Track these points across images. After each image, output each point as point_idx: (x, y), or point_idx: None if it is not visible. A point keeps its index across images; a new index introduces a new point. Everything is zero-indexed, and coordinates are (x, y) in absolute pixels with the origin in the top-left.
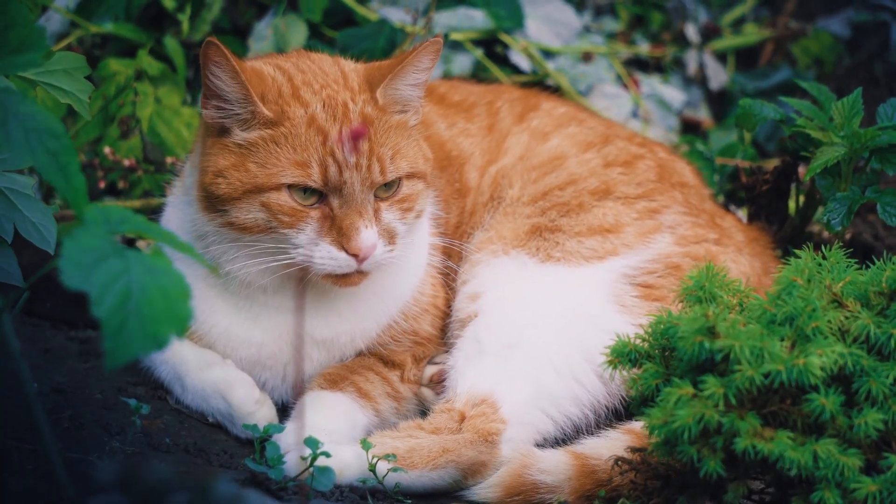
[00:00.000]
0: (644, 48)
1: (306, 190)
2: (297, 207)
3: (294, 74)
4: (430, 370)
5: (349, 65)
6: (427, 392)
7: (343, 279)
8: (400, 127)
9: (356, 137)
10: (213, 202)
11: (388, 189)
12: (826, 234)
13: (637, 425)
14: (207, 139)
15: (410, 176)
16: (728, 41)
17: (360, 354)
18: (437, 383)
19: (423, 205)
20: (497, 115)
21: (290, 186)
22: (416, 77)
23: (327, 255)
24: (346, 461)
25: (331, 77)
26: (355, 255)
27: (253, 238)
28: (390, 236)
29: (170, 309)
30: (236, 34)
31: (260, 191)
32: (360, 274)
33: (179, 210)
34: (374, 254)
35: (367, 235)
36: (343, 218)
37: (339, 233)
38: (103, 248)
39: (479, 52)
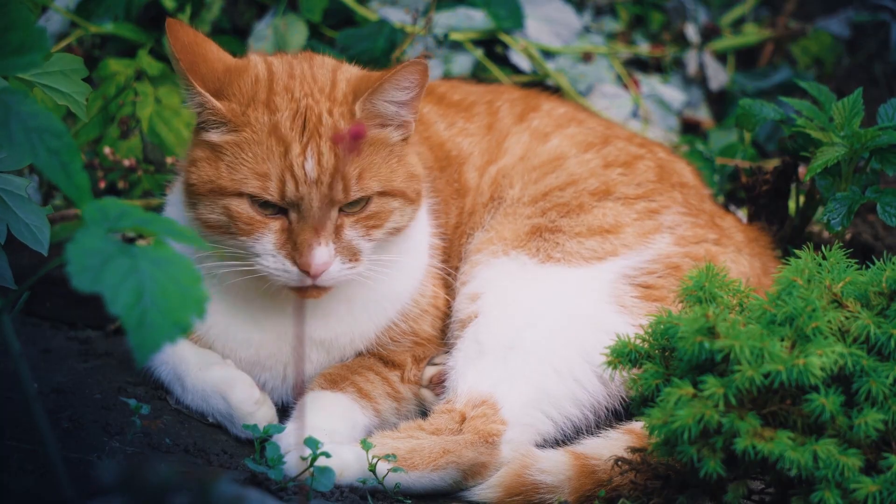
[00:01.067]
0: (644, 48)
1: (264, 201)
2: (255, 217)
3: (279, 78)
4: (430, 371)
5: (347, 73)
6: (427, 393)
7: (301, 292)
8: (376, 143)
9: (355, 137)
10: (188, 193)
11: (354, 205)
12: (826, 234)
13: (637, 425)
14: (195, 130)
15: (383, 194)
16: (728, 41)
17: (360, 355)
18: (437, 385)
19: (401, 222)
20: (497, 114)
21: (249, 196)
22: (397, 95)
23: (281, 268)
24: (347, 461)
25: (319, 85)
26: (306, 272)
27: (217, 238)
28: (352, 253)
29: (185, 294)
30: (236, 34)
31: (222, 193)
32: (319, 289)
33: (176, 208)
34: (329, 270)
35: (318, 253)
36: (298, 233)
37: (293, 247)
38: (107, 248)
39: (479, 52)
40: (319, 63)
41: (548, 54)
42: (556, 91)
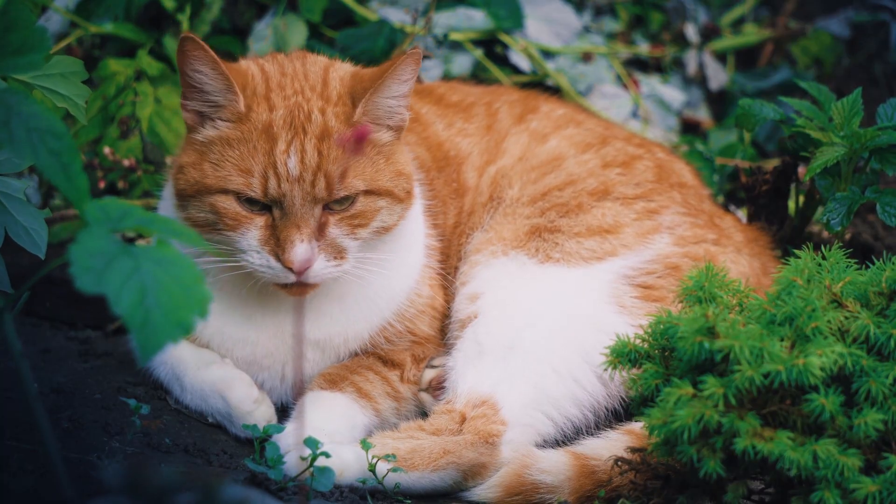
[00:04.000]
0: (644, 48)
1: (249, 198)
2: (241, 213)
3: (272, 77)
4: (429, 375)
5: (339, 71)
6: (426, 397)
7: (288, 289)
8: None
9: (359, 139)
10: (178, 196)
11: (340, 203)
12: (826, 234)
13: (637, 426)
14: (186, 136)
15: (369, 193)
16: (728, 41)
17: (357, 354)
18: (436, 389)
19: (389, 220)
20: (496, 115)
21: (234, 192)
22: (399, 89)
23: (266, 264)
24: (347, 461)
25: (310, 83)
26: (290, 268)
27: (206, 237)
28: (337, 251)
29: (188, 294)
30: (236, 34)
31: (209, 192)
32: (305, 286)
33: (167, 202)
34: (313, 267)
35: (300, 250)
36: (281, 229)
37: (277, 243)
38: (110, 248)
39: (478, 53)
40: (312, 61)
41: (548, 54)
42: (556, 91)
